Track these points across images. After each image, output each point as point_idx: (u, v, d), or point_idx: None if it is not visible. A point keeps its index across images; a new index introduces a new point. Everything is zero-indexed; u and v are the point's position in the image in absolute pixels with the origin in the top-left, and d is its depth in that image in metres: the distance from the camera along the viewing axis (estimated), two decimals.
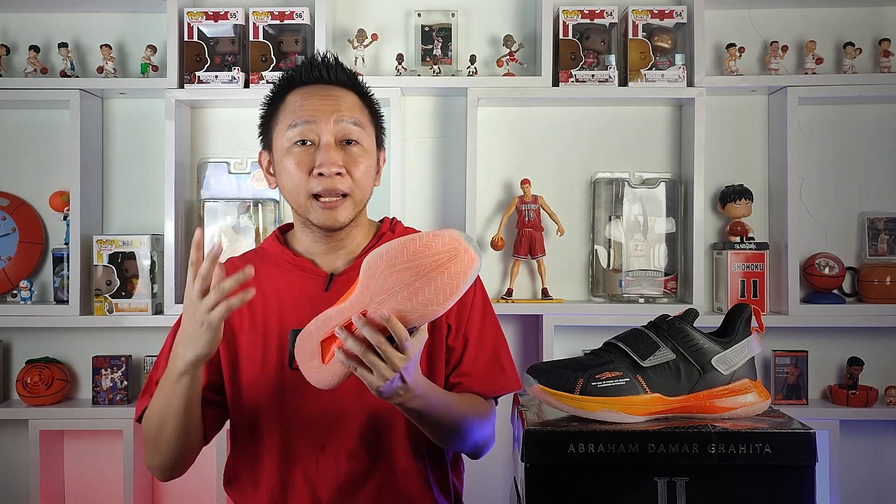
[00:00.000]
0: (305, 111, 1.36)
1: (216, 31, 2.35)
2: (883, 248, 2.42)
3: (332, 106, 1.37)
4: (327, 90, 1.39)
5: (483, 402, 1.42)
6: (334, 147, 1.35)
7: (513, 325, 2.43)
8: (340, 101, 1.38)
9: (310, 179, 1.35)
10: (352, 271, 1.40)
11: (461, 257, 1.12)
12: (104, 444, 2.43)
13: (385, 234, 1.46)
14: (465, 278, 1.12)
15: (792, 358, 2.35)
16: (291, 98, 1.39)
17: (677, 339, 1.15)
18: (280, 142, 1.39)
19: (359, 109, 1.41)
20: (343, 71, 1.42)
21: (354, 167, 1.37)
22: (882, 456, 2.44)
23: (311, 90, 1.39)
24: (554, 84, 2.32)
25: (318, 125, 1.35)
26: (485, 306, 1.47)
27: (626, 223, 2.38)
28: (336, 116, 1.36)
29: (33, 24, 2.46)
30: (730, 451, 1.07)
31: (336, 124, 1.36)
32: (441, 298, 1.12)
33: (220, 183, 2.42)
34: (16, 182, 2.47)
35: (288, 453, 1.36)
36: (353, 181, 1.37)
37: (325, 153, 1.34)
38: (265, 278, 1.42)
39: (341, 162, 1.35)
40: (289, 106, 1.39)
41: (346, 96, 1.40)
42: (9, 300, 2.42)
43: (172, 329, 1.44)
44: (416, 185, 2.45)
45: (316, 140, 1.36)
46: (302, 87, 1.40)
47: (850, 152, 2.45)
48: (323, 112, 1.36)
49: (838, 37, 2.44)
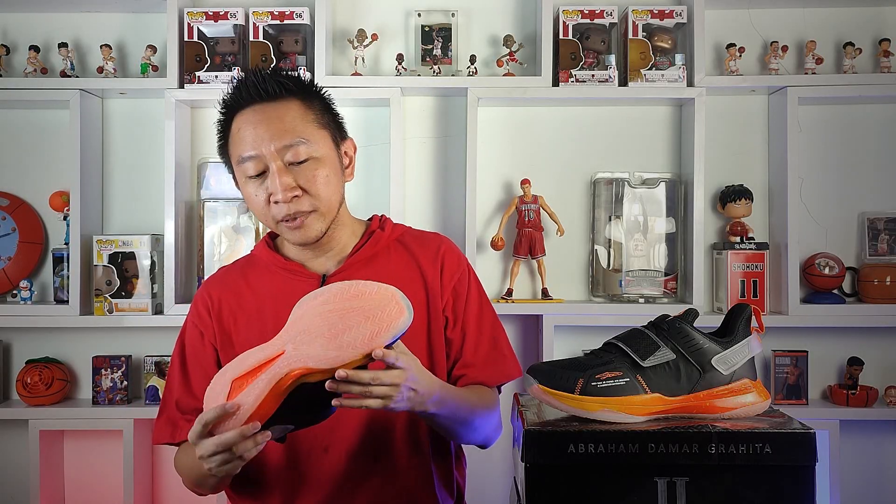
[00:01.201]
0: (247, 144, 1.34)
1: (216, 31, 2.35)
2: (883, 248, 2.42)
3: (271, 132, 1.33)
4: (264, 111, 1.35)
5: (488, 391, 1.44)
6: (284, 171, 1.33)
7: (513, 325, 2.43)
8: (279, 123, 1.34)
9: (271, 207, 1.34)
10: (344, 272, 1.40)
11: (391, 308, 1.12)
12: (104, 444, 2.43)
13: (374, 231, 1.46)
14: (389, 328, 1.11)
15: (792, 358, 2.35)
16: (234, 126, 1.37)
17: (677, 339, 1.15)
18: (237, 173, 1.39)
19: (301, 120, 1.36)
20: (275, 81, 1.36)
21: (310, 183, 1.34)
22: (882, 456, 2.44)
23: (250, 115, 1.35)
24: (554, 84, 2.32)
25: (263, 155, 1.33)
26: (480, 296, 1.48)
27: (626, 223, 2.38)
28: (276, 143, 1.32)
29: (33, 24, 2.46)
30: (730, 451, 1.07)
31: (279, 151, 1.33)
32: (360, 342, 1.11)
33: (220, 183, 2.42)
34: (16, 182, 2.47)
35: (292, 456, 1.37)
36: (314, 196, 1.34)
37: (275, 180, 1.32)
38: (259, 284, 1.43)
39: (294, 183, 1.33)
40: (234, 136, 1.37)
41: (287, 111, 1.35)
42: (9, 300, 2.42)
43: (178, 342, 1.46)
44: (416, 185, 2.45)
45: (265, 168, 1.34)
46: (242, 111, 1.36)
47: (850, 152, 2.45)
48: (262, 141, 1.33)
49: (838, 37, 2.44)
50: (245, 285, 1.44)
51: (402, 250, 1.46)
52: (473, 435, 1.41)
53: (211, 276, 1.53)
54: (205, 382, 1.35)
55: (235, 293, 1.43)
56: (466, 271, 1.47)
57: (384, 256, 1.44)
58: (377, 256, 1.44)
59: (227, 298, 1.43)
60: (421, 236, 1.50)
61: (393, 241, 1.47)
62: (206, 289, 1.47)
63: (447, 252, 1.47)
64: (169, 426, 1.42)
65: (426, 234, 1.51)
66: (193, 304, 1.47)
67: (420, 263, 1.44)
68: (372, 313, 1.12)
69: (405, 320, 1.13)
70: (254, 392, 1.11)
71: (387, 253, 1.45)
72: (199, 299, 1.46)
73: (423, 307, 1.41)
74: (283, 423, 1.17)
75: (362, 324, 1.11)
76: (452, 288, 1.44)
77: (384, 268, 1.42)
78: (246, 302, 1.42)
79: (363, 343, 1.11)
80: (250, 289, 1.43)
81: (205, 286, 1.48)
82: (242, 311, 1.42)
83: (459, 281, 1.45)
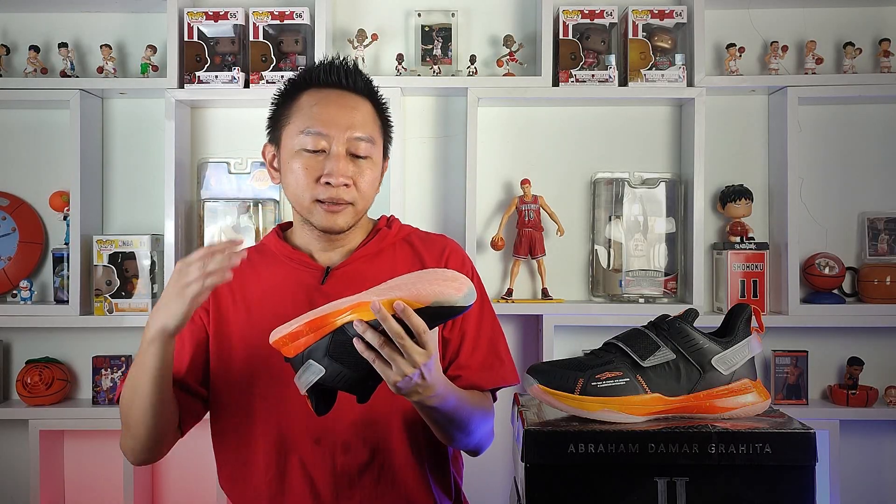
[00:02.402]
0: (320, 120, 1.36)
1: (216, 31, 2.35)
2: (883, 248, 2.42)
3: (348, 119, 1.37)
4: (343, 98, 1.39)
5: (485, 396, 1.43)
6: (345, 158, 1.36)
7: (513, 325, 2.43)
8: (356, 114, 1.38)
9: (316, 186, 1.36)
10: (348, 265, 1.42)
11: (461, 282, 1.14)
12: (104, 444, 2.43)
13: (381, 229, 1.46)
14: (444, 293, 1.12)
15: (792, 358, 2.35)
16: (306, 99, 1.39)
17: (677, 339, 1.15)
18: (289, 143, 1.39)
19: (372, 123, 1.41)
20: (361, 78, 1.41)
21: (361, 179, 1.38)
22: (882, 456, 2.44)
23: (328, 95, 1.39)
24: (554, 84, 2.32)
25: (332, 137, 1.36)
26: (482, 299, 1.48)
27: (626, 223, 2.38)
28: (350, 132, 1.36)
29: (33, 24, 2.46)
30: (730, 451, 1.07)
31: (349, 140, 1.36)
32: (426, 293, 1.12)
33: (220, 183, 2.43)
34: (16, 182, 2.47)
35: (283, 445, 1.37)
36: (358, 192, 1.38)
37: (334, 163, 1.35)
38: (264, 273, 1.43)
39: (350, 174, 1.36)
40: (303, 108, 1.38)
41: (362, 106, 1.40)
42: (9, 300, 2.42)
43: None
44: (416, 185, 2.45)
45: (327, 149, 1.36)
46: (317, 88, 1.39)
47: (850, 152, 2.45)
48: (337, 125, 1.36)
49: (838, 37, 2.44)
50: (251, 271, 1.43)
51: (408, 249, 1.47)
52: (467, 439, 1.39)
53: None
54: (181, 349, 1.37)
55: (239, 278, 1.41)
56: (470, 273, 1.48)
57: (389, 253, 1.45)
58: (382, 253, 1.45)
59: (232, 284, 1.40)
60: (427, 237, 1.51)
61: (399, 239, 1.48)
62: None
63: (452, 253, 1.48)
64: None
65: (432, 236, 1.52)
66: None
67: (424, 262, 1.45)
68: (435, 279, 1.15)
69: (460, 298, 1.13)
70: (321, 310, 1.14)
71: (392, 250, 1.46)
72: None
73: None
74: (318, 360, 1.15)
75: (434, 283, 1.14)
76: None
77: (389, 264, 1.43)
78: (249, 288, 1.42)
79: (411, 294, 1.12)
80: (255, 275, 1.43)
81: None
82: (243, 296, 1.42)
83: None
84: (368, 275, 1.39)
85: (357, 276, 1.40)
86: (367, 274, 1.40)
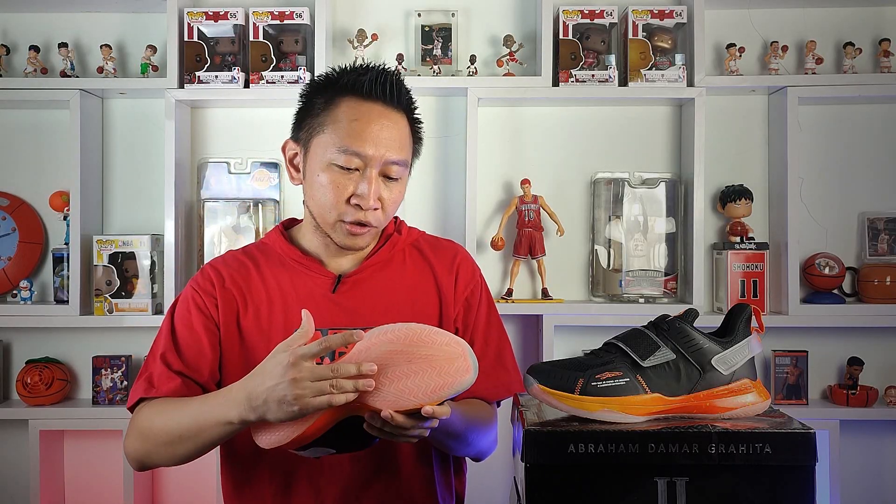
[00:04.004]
0: (360, 140, 1.30)
1: (216, 31, 2.35)
2: (883, 248, 2.42)
3: (388, 141, 1.31)
4: (386, 115, 1.33)
5: (487, 407, 1.42)
6: (380, 182, 1.32)
7: (513, 325, 2.42)
8: (395, 136, 1.33)
9: (344, 205, 1.32)
10: (360, 273, 1.40)
11: (459, 364, 1.11)
12: (104, 444, 2.43)
13: (392, 235, 1.45)
14: (453, 385, 1.10)
15: (792, 358, 2.35)
16: (346, 108, 1.32)
17: (677, 339, 1.15)
18: (320, 152, 1.32)
19: (408, 144, 1.37)
20: (404, 95, 1.36)
21: (390, 203, 1.35)
22: (882, 456, 2.44)
23: (370, 110, 1.32)
24: (554, 84, 2.32)
25: (370, 158, 1.30)
26: (490, 308, 1.48)
27: (626, 223, 2.38)
28: (390, 156, 1.31)
29: (33, 24, 2.46)
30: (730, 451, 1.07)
31: (385, 163, 1.32)
32: (421, 393, 1.09)
33: (220, 183, 2.43)
34: (16, 182, 2.47)
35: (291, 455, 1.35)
36: (384, 214, 1.35)
37: (370, 187, 1.30)
38: (270, 274, 1.39)
39: (381, 196, 1.33)
40: (341, 117, 1.32)
41: (401, 126, 1.35)
42: (9, 300, 2.42)
43: (169, 311, 1.40)
44: (416, 185, 2.45)
45: (361, 168, 1.31)
46: (359, 99, 1.32)
47: (850, 152, 2.45)
48: (377, 148, 1.30)
49: (838, 37, 2.44)
50: (255, 272, 1.39)
51: (418, 256, 1.45)
52: (466, 449, 1.39)
53: (216, 258, 1.46)
54: (195, 347, 1.34)
55: (245, 277, 1.39)
56: (479, 283, 1.47)
57: (399, 261, 1.44)
58: (393, 260, 1.43)
59: (237, 280, 1.39)
60: (436, 243, 1.49)
61: (409, 245, 1.46)
62: (212, 267, 1.41)
63: (462, 262, 1.46)
64: (146, 383, 1.33)
65: (441, 242, 1.50)
66: (194, 280, 1.41)
67: (435, 271, 1.43)
68: (440, 366, 1.10)
69: (469, 380, 1.11)
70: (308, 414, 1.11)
71: (402, 258, 1.44)
72: (204, 274, 1.40)
73: (436, 315, 1.41)
74: (325, 447, 1.16)
75: (428, 374, 1.10)
76: (465, 299, 1.44)
77: (399, 273, 1.42)
78: (255, 290, 1.38)
79: (424, 394, 1.09)
80: (261, 277, 1.39)
81: (210, 265, 1.42)
82: (251, 298, 1.37)
83: (472, 293, 1.45)
84: (379, 284, 1.39)
85: (368, 285, 1.39)
86: (379, 283, 1.39)
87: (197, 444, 1.24)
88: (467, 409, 1.36)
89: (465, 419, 1.33)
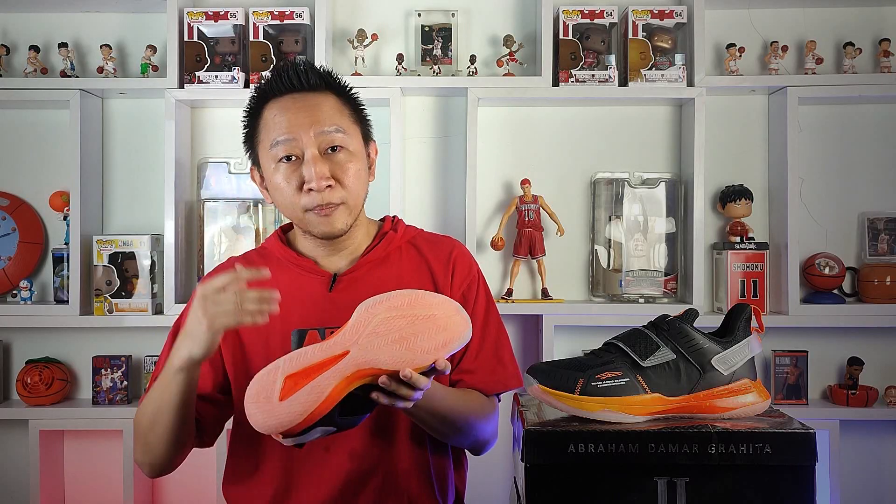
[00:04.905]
0: (284, 127, 1.34)
1: (216, 31, 2.35)
2: (883, 248, 2.42)
3: (310, 117, 1.34)
4: (303, 99, 1.36)
5: (485, 398, 1.43)
6: (319, 159, 1.33)
7: (513, 325, 2.42)
8: (318, 110, 1.35)
9: (301, 195, 1.34)
10: (355, 271, 1.40)
11: (457, 319, 1.18)
12: (104, 444, 2.43)
13: (387, 232, 1.45)
14: (458, 338, 1.16)
15: (792, 358, 2.35)
16: (268, 112, 1.37)
17: (677, 339, 1.15)
18: (266, 160, 1.37)
19: (339, 113, 1.38)
20: (316, 74, 1.37)
21: (344, 175, 1.35)
22: (882, 456, 2.44)
23: (287, 102, 1.36)
24: (554, 84, 2.32)
25: (300, 140, 1.33)
26: (488, 302, 1.48)
27: (626, 223, 2.38)
28: (315, 129, 1.33)
29: (33, 24, 2.46)
30: (730, 451, 1.07)
31: (317, 136, 1.33)
32: (433, 349, 1.15)
33: (220, 183, 2.42)
34: (16, 182, 2.47)
35: (292, 454, 1.36)
36: (345, 189, 1.35)
37: (310, 168, 1.32)
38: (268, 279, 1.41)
39: (329, 173, 1.33)
40: (267, 121, 1.36)
41: (324, 101, 1.37)
42: (9, 300, 2.42)
43: (172, 329, 1.43)
44: (416, 185, 2.45)
45: (300, 154, 1.34)
46: (277, 98, 1.37)
47: (850, 152, 2.45)
48: (301, 125, 1.33)
49: (838, 37, 2.44)
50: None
51: (414, 252, 1.45)
52: (462, 438, 1.40)
53: (221, 264, 1.51)
54: None
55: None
56: (476, 277, 1.47)
57: (396, 258, 1.44)
58: (389, 257, 1.43)
59: None
60: (433, 239, 1.50)
61: (405, 242, 1.46)
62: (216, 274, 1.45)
63: (459, 256, 1.46)
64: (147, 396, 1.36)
65: (438, 238, 1.51)
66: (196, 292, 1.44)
67: (431, 266, 1.44)
68: (443, 323, 1.16)
69: (469, 333, 1.19)
70: (318, 389, 1.11)
71: (398, 254, 1.44)
72: None
73: None
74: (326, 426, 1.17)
75: (434, 332, 1.15)
76: (461, 293, 1.44)
77: (396, 269, 1.42)
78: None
79: (435, 350, 1.15)
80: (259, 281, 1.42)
81: (215, 272, 1.44)
82: None
83: (469, 287, 1.45)
84: (375, 281, 1.39)
85: (364, 283, 1.39)
86: (374, 280, 1.39)
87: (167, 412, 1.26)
88: (464, 398, 1.37)
89: (465, 407, 1.34)
